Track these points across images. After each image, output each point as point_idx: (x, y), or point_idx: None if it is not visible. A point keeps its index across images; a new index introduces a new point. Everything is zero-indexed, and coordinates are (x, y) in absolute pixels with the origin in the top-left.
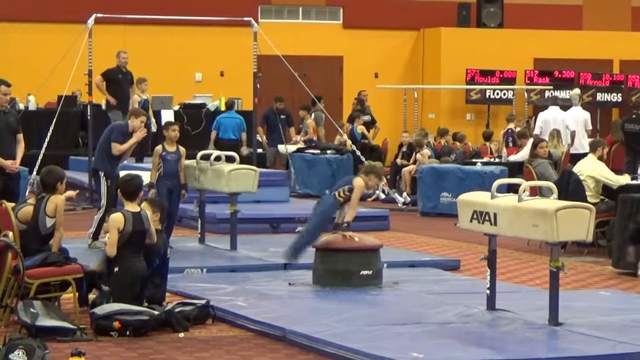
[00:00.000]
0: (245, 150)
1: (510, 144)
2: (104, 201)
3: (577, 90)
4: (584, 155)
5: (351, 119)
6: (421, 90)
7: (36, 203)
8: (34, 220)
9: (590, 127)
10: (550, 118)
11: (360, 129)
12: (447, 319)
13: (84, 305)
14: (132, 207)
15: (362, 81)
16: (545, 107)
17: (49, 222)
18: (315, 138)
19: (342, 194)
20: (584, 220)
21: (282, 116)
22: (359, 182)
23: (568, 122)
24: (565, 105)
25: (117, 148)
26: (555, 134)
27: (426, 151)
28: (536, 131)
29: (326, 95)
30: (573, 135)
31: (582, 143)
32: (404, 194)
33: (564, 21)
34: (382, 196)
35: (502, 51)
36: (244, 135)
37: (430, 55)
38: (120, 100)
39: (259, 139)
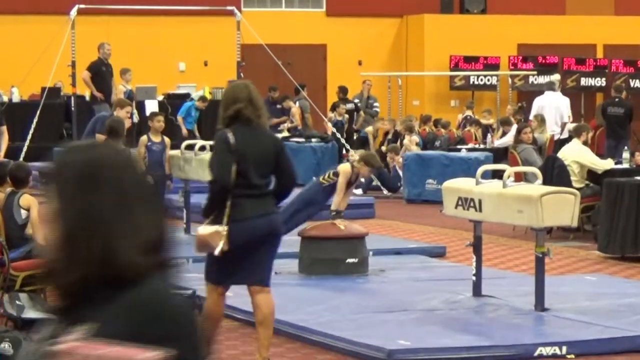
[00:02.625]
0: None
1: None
2: None
3: (556, 76)
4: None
5: (333, 108)
6: (405, 77)
7: (7, 198)
8: (6, 213)
9: (569, 114)
10: (546, 104)
11: (340, 117)
12: (433, 306)
13: None
14: None
15: (346, 69)
16: (529, 92)
17: (24, 214)
18: (300, 126)
19: (326, 177)
20: (569, 206)
21: (278, 106)
22: (344, 167)
23: (563, 109)
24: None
25: (101, 140)
26: (540, 118)
27: (414, 138)
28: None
29: (310, 84)
30: (564, 126)
31: (556, 129)
32: None
33: (547, 6)
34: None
35: (485, 37)
36: None
37: (414, 42)
38: (105, 94)
39: None
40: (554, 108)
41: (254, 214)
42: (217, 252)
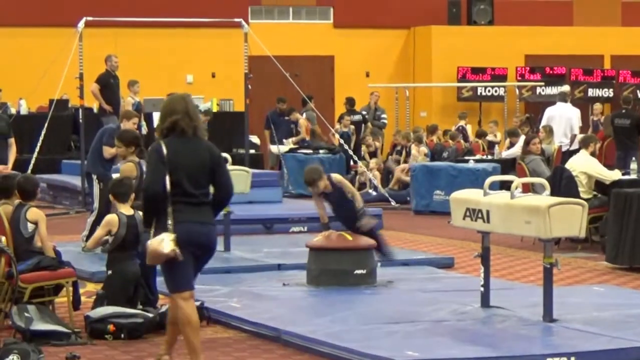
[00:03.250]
0: None
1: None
2: (96, 204)
3: (566, 87)
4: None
5: (340, 119)
6: (412, 88)
7: (15, 210)
8: (14, 225)
9: (579, 125)
10: (556, 114)
11: (346, 128)
12: (441, 317)
13: (77, 308)
14: (125, 209)
15: (354, 80)
16: (536, 104)
17: (30, 227)
18: (307, 138)
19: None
20: (576, 216)
21: (286, 117)
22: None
23: (574, 120)
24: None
25: (108, 151)
26: (548, 129)
27: (423, 149)
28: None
29: (318, 95)
30: (574, 137)
31: (565, 140)
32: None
33: (554, 17)
34: (374, 194)
35: (493, 48)
36: None
37: (421, 54)
38: (113, 106)
39: (252, 139)
40: (564, 119)
41: (193, 219)
42: (167, 250)
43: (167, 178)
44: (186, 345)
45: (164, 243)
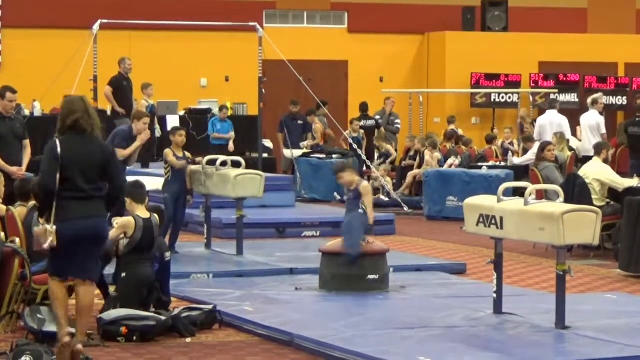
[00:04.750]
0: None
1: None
2: None
3: (597, 95)
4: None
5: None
6: (426, 94)
7: (29, 212)
8: (27, 227)
9: (604, 131)
10: (547, 122)
11: (355, 133)
12: (454, 323)
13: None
14: (142, 212)
15: (367, 85)
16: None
17: None
18: (322, 143)
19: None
20: (590, 224)
21: (300, 121)
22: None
23: (565, 126)
24: (570, 109)
25: (121, 153)
26: (559, 136)
27: (437, 155)
28: (535, 136)
29: (331, 100)
30: (567, 143)
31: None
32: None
33: (568, 24)
34: (386, 199)
35: (507, 55)
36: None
37: (435, 59)
38: (127, 109)
39: (265, 143)
40: (555, 126)
41: (77, 215)
42: (46, 246)
43: (58, 175)
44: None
45: (47, 234)
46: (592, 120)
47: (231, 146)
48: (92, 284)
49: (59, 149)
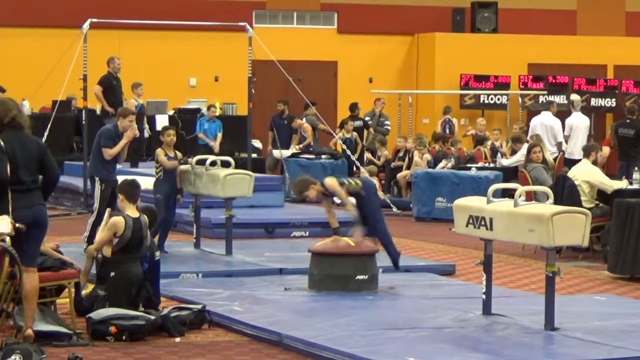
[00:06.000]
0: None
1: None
2: (96, 204)
3: (576, 96)
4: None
5: (341, 125)
6: (415, 95)
7: None
8: None
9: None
10: (538, 124)
11: (348, 134)
12: (443, 324)
13: (79, 310)
14: (132, 211)
15: (357, 86)
16: (539, 112)
17: None
18: (312, 142)
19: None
20: (579, 225)
21: (286, 122)
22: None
23: (557, 129)
24: (563, 111)
25: (107, 153)
26: (535, 138)
27: (427, 156)
28: (528, 137)
29: (321, 100)
30: (560, 145)
31: (551, 149)
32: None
33: (558, 26)
34: None
35: (496, 56)
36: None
37: (425, 60)
38: (116, 108)
39: (254, 144)
40: (547, 127)
41: (20, 205)
42: (7, 230)
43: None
44: None
45: (3, 222)
46: (547, 122)
47: (216, 147)
48: (35, 270)
49: (2, 144)
